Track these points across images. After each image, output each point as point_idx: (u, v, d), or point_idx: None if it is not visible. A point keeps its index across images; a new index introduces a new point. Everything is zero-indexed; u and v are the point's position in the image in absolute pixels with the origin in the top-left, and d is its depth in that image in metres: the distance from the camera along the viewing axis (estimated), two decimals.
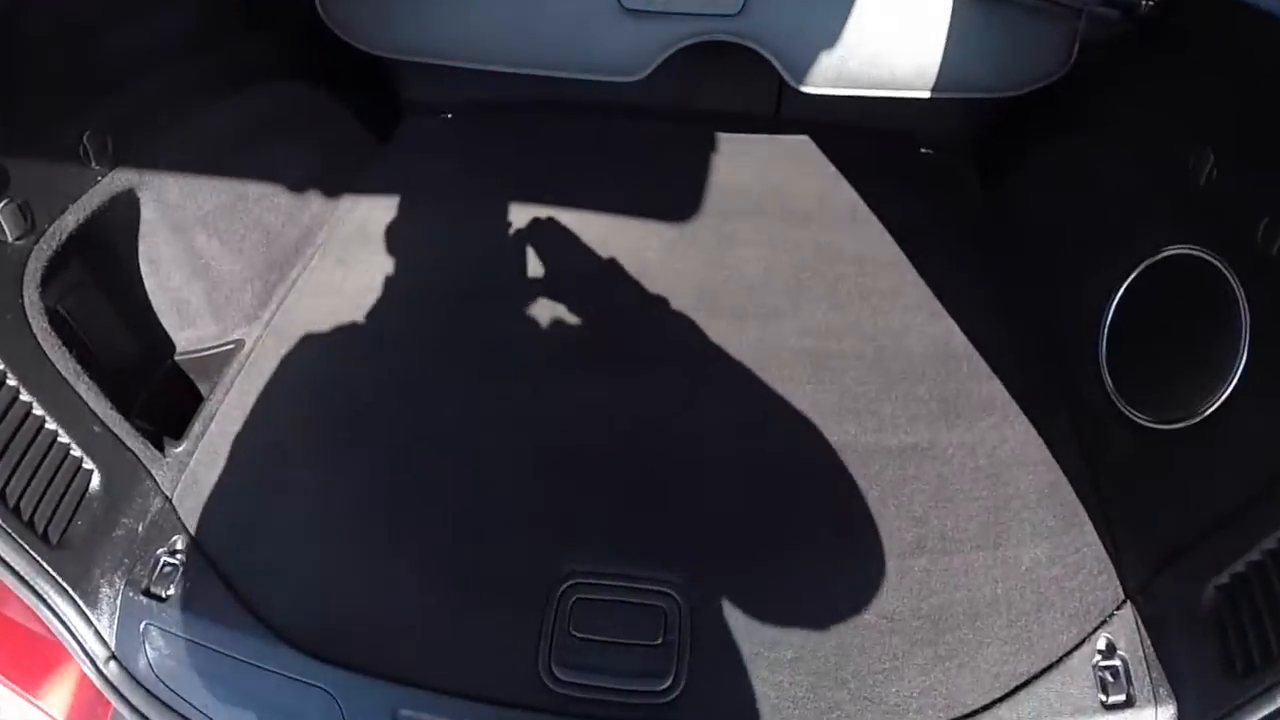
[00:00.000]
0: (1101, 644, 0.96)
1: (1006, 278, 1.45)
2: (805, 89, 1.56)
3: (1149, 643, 0.97)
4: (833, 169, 1.66)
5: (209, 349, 1.29)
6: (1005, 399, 1.22)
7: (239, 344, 1.28)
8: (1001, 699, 0.92)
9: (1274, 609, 0.85)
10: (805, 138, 1.74)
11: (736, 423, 1.18)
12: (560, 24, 1.56)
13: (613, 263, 1.42)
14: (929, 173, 1.71)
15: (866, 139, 1.74)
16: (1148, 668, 0.95)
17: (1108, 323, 1.21)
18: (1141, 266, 1.18)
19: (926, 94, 1.55)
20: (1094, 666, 0.95)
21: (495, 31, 1.58)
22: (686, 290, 1.38)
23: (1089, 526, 1.08)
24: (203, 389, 1.29)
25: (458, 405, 1.19)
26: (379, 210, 1.53)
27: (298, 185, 1.48)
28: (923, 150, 1.74)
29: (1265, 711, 0.84)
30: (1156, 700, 0.92)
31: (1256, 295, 1.01)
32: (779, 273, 1.42)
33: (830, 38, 1.51)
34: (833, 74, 1.55)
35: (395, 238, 1.47)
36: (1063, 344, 1.29)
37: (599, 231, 1.48)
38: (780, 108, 1.78)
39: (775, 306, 1.36)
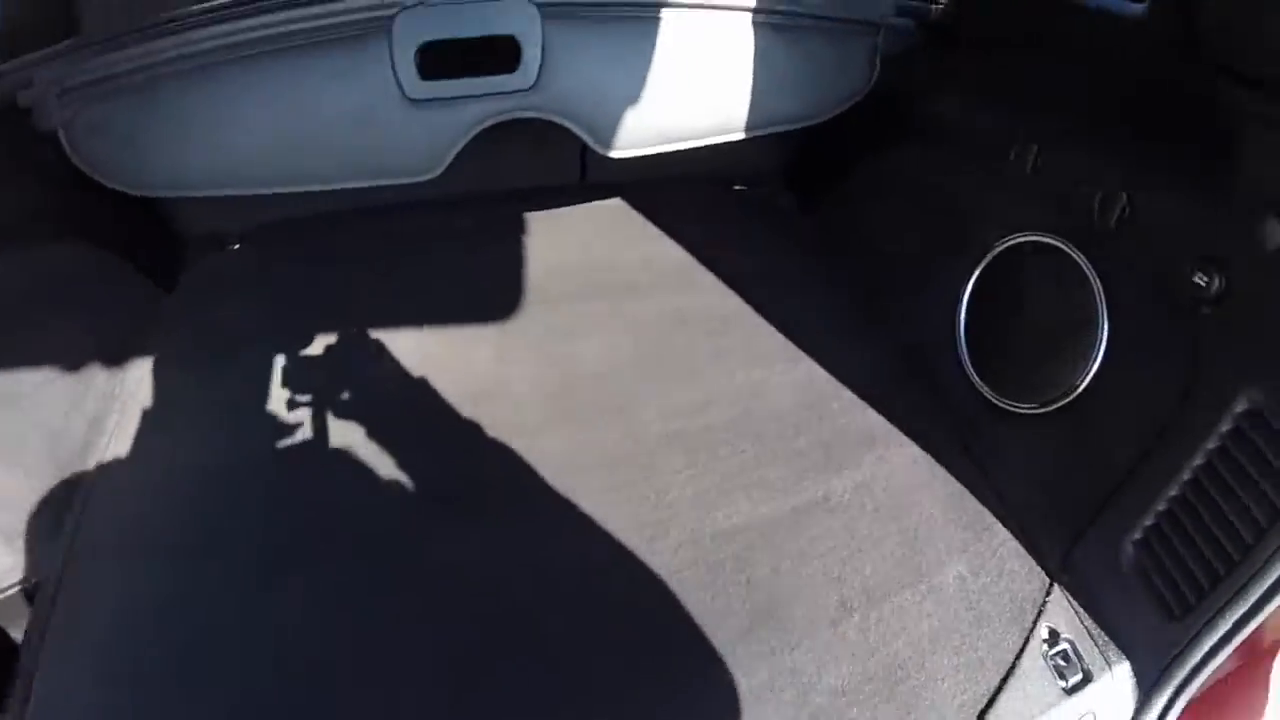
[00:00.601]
0: (1044, 634, 0.99)
1: (852, 302, 1.47)
2: (613, 154, 1.52)
3: (1086, 615, 1.00)
4: (653, 228, 1.63)
5: (7, 589, 1.05)
6: (884, 426, 1.23)
7: (39, 582, 1.05)
8: None
9: (1193, 550, 0.90)
10: (618, 200, 1.70)
11: (616, 544, 1.06)
12: (339, 128, 1.40)
13: (441, 382, 1.29)
14: (751, 212, 1.72)
15: (679, 188, 1.71)
16: (1093, 640, 0.99)
17: (963, 322, 1.26)
18: (986, 260, 1.23)
19: (736, 137, 1.56)
20: (1045, 659, 0.97)
21: (266, 150, 1.40)
22: (528, 398, 1.26)
23: (999, 526, 1.11)
24: (13, 635, 1.05)
25: (299, 602, 1.00)
26: (171, 378, 1.32)
27: (78, 365, 1.26)
28: (737, 188, 1.75)
29: (1209, 644, 0.89)
30: (1110, 665, 0.96)
31: (1104, 267, 1.07)
32: (622, 355, 1.34)
33: (630, 98, 1.48)
34: (638, 134, 1.52)
35: (193, 407, 1.27)
36: (925, 354, 1.32)
37: (420, 347, 1.35)
38: (585, 173, 1.73)
39: (628, 395, 1.27)
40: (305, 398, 1.27)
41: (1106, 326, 1.06)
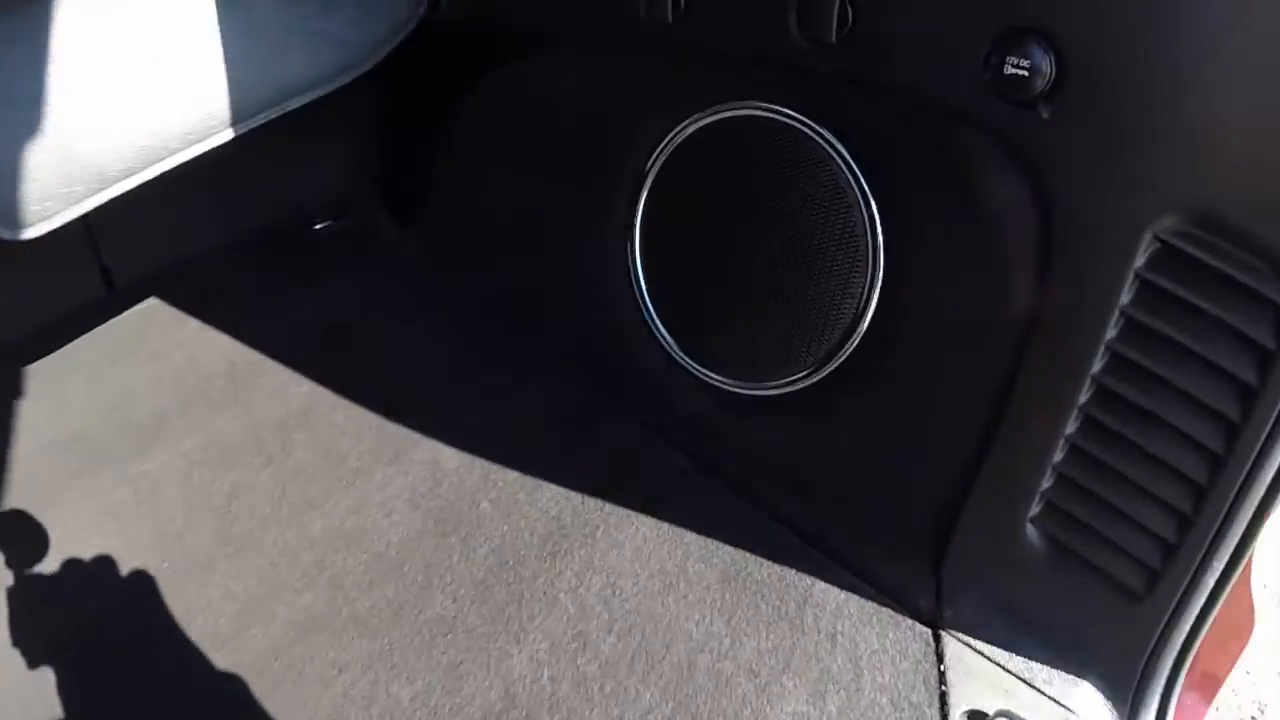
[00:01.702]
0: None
1: (486, 334, 1.15)
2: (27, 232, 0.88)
3: (1003, 654, 0.74)
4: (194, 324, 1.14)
5: None
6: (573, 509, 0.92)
7: None
8: None
9: (1135, 493, 0.65)
10: (153, 302, 1.17)
11: None
12: None
13: None
14: (339, 255, 1.30)
15: (220, 264, 1.23)
16: (1031, 682, 0.73)
17: (643, 286, 0.95)
18: (653, 175, 0.89)
19: (256, 121, 1.01)
20: None
21: None
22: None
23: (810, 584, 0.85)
24: None
25: None
26: None
27: None
28: (317, 226, 1.33)
29: (1198, 604, 0.65)
30: (1066, 700, 0.72)
31: (842, 124, 0.76)
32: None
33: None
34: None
35: None
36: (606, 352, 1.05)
37: None
38: (112, 282, 1.14)
39: None
40: None
41: (874, 217, 0.76)
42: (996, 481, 0.74)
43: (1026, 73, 0.59)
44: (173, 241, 1.17)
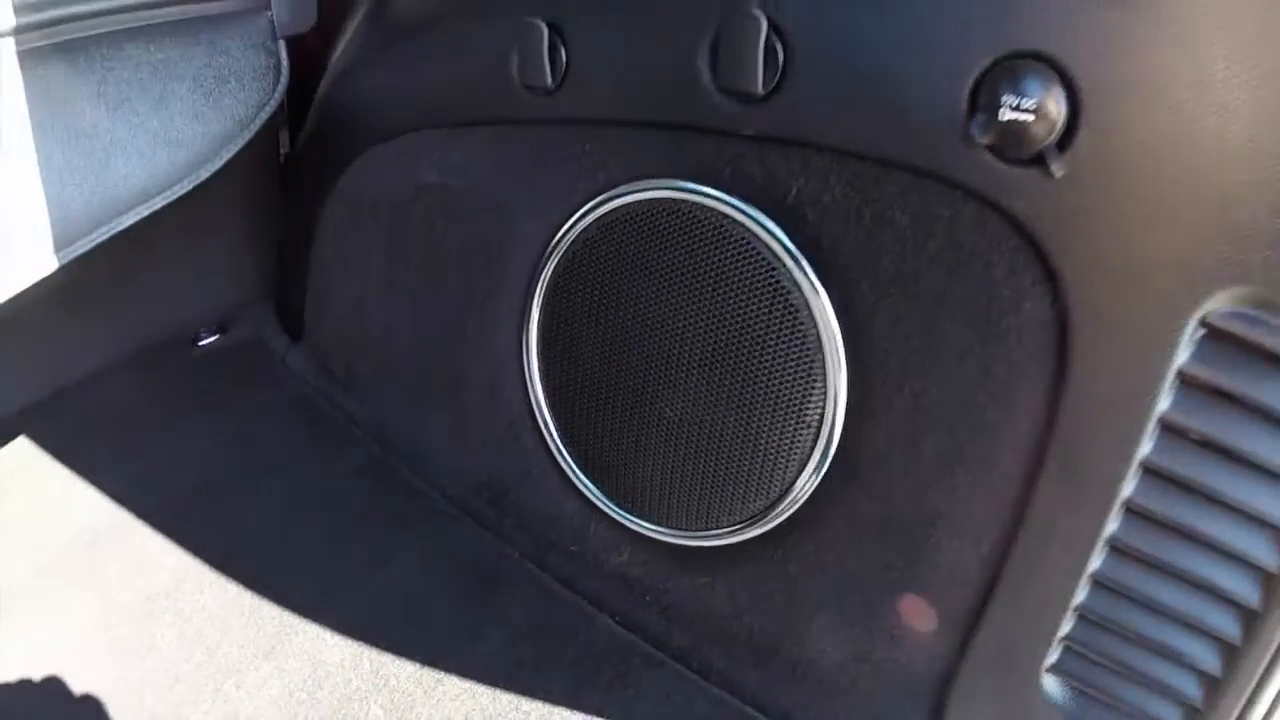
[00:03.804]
0: None
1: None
2: None
3: None
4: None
5: None
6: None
7: None
8: None
9: (1169, 623, 0.53)
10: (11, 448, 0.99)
11: None
12: None
13: None
14: (221, 380, 1.11)
15: (94, 396, 1.06)
16: None
17: (552, 428, 0.77)
18: (545, 282, 0.71)
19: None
20: None
21: None
22: None
23: None
24: None
25: None
26: None
27: None
28: (202, 343, 1.14)
29: None
30: None
31: (826, 249, 0.57)
32: None
33: None
34: None
35: None
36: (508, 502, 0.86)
37: None
38: None
39: None
40: None
41: (829, 322, 0.58)
42: (1003, 630, 0.58)
43: (1030, 116, 0.43)
44: (45, 373, 1.02)
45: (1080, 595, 0.55)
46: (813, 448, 0.61)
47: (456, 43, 0.74)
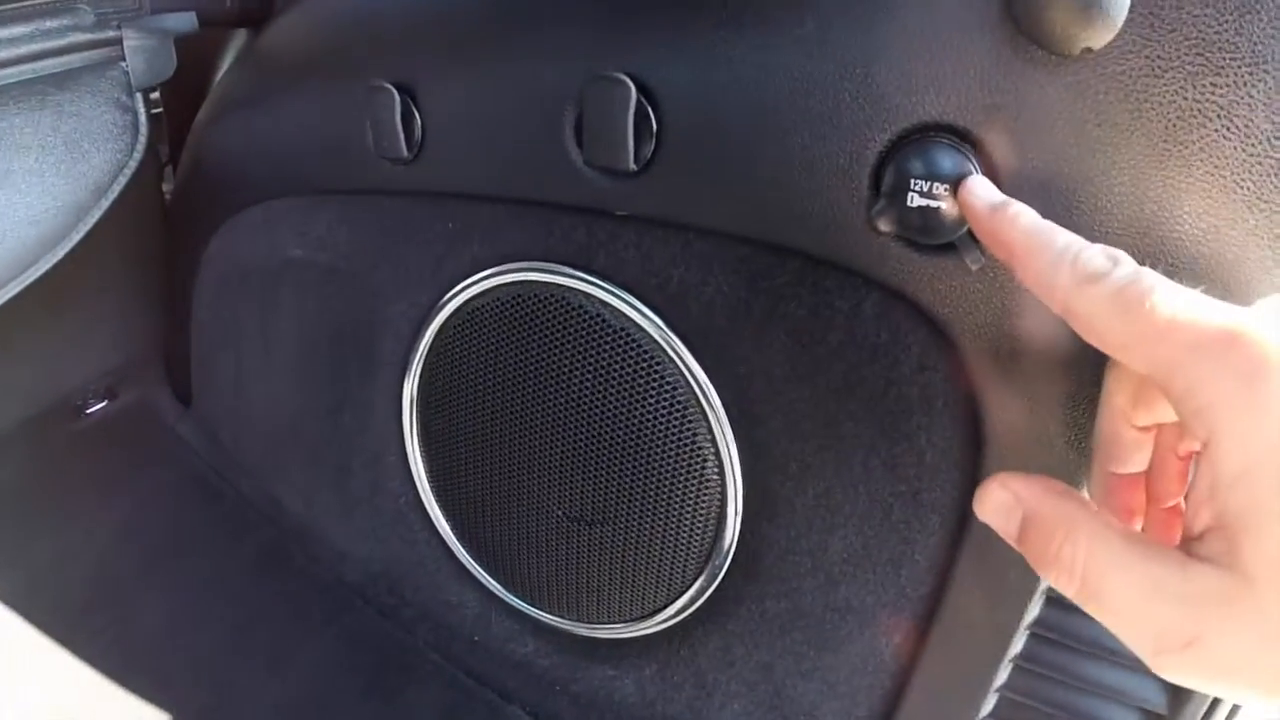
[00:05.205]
0: None
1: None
2: None
3: None
4: None
5: None
6: None
7: None
8: None
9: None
10: None
11: None
12: None
13: None
14: (113, 455, 1.03)
15: None
16: None
17: (440, 516, 0.71)
18: (421, 358, 0.65)
19: None
20: None
21: None
22: None
23: None
24: None
25: None
26: None
27: None
28: (89, 411, 1.06)
29: None
30: None
31: (711, 341, 0.51)
32: None
33: None
34: None
35: None
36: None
37: None
38: None
39: None
40: None
41: (718, 417, 0.52)
42: (923, 714, 0.54)
43: (942, 203, 0.37)
44: None
45: (1001, 677, 0.51)
46: (712, 547, 0.56)
47: (311, 103, 0.67)
